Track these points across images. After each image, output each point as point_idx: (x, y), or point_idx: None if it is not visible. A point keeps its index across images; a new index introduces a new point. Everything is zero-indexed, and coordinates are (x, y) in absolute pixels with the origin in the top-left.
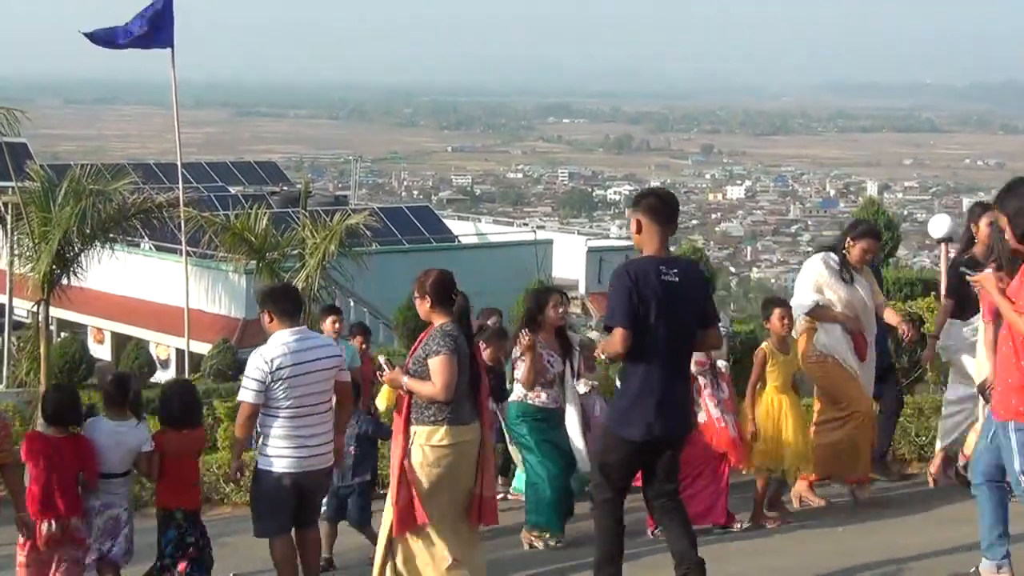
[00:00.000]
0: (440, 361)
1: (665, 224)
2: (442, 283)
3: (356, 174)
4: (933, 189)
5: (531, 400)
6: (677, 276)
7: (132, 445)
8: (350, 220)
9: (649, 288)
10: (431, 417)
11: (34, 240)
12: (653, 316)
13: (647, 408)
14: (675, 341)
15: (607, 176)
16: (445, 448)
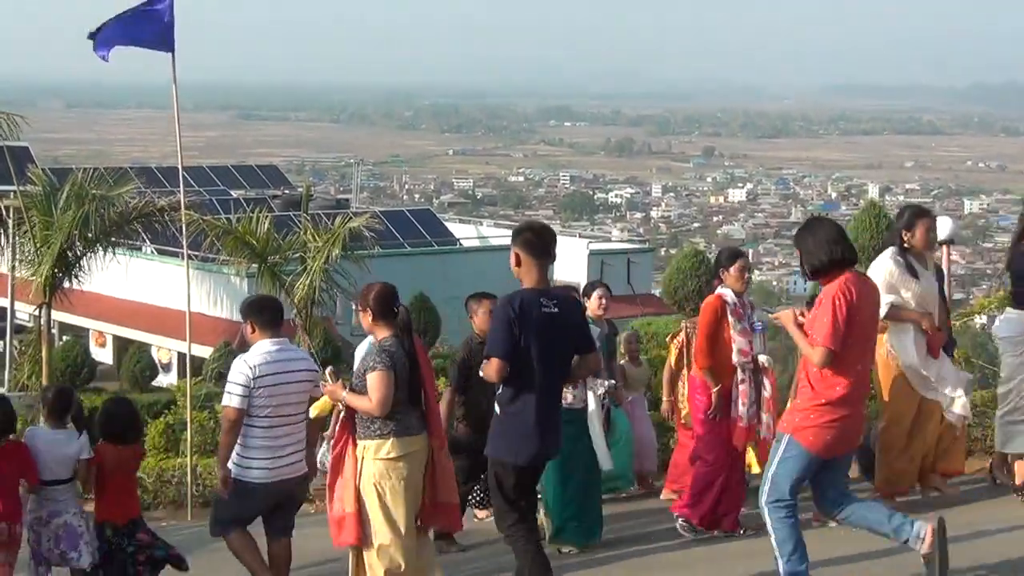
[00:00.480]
0: (376, 377)
1: (541, 257)
2: (384, 297)
3: (357, 177)
4: (934, 191)
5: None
6: (556, 307)
7: (71, 452)
8: (352, 223)
9: (530, 319)
10: (377, 431)
11: (36, 244)
12: (534, 346)
13: (530, 433)
14: (553, 369)
15: (608, 179)
16: (395, 460)
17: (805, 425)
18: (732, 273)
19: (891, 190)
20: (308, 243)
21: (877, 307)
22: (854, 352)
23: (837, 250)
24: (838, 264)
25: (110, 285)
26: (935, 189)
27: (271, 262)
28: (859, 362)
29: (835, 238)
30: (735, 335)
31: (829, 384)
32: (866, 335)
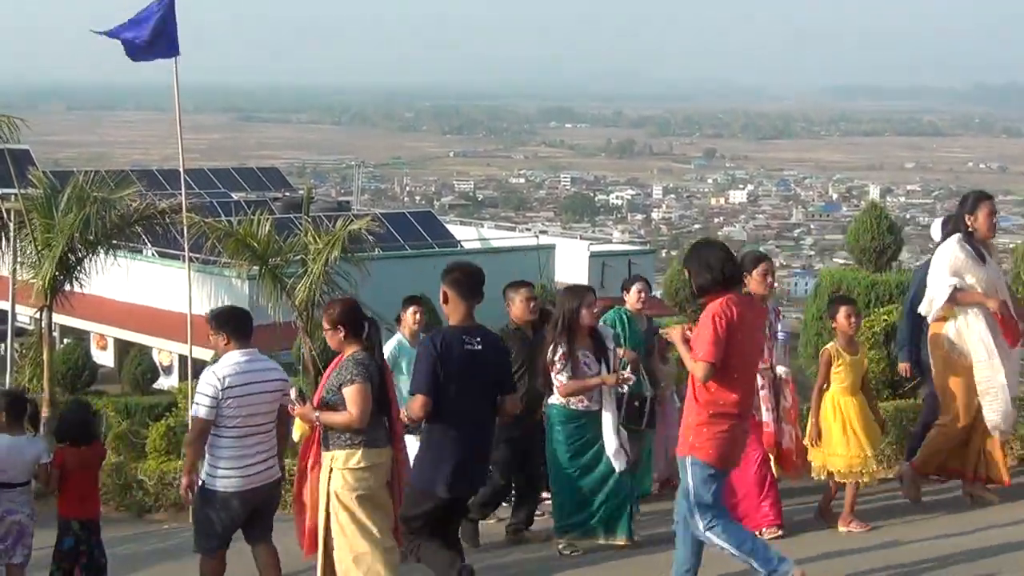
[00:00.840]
0: (355, 390)
1: (469, 297)
2: (351, 311)
3: (358, 179)
4: (935, 192)
5: (573, 404)
6: (480, 345)
7: (29, 457)
8: (353, 226)
9: (453, 356)
10: (347, 441)
11: (37, 247)
12: (456, 382)
13: (450, 466)
14: (476, 404)
15: (609, 181)
16: (363, 471)
17: (699, 442)
18: (755, 278)
19: (892, 191)
20: (309, 245)
21: (760, 328)
22: (736, 367)
23: (723, 270)
24: (723, 284)
25: (111, 288)
26: (936, 190)
27: (272, 264)
28: (742, 377)
29: (722, 259)
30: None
31: (714, 398)
32: (747, 352)
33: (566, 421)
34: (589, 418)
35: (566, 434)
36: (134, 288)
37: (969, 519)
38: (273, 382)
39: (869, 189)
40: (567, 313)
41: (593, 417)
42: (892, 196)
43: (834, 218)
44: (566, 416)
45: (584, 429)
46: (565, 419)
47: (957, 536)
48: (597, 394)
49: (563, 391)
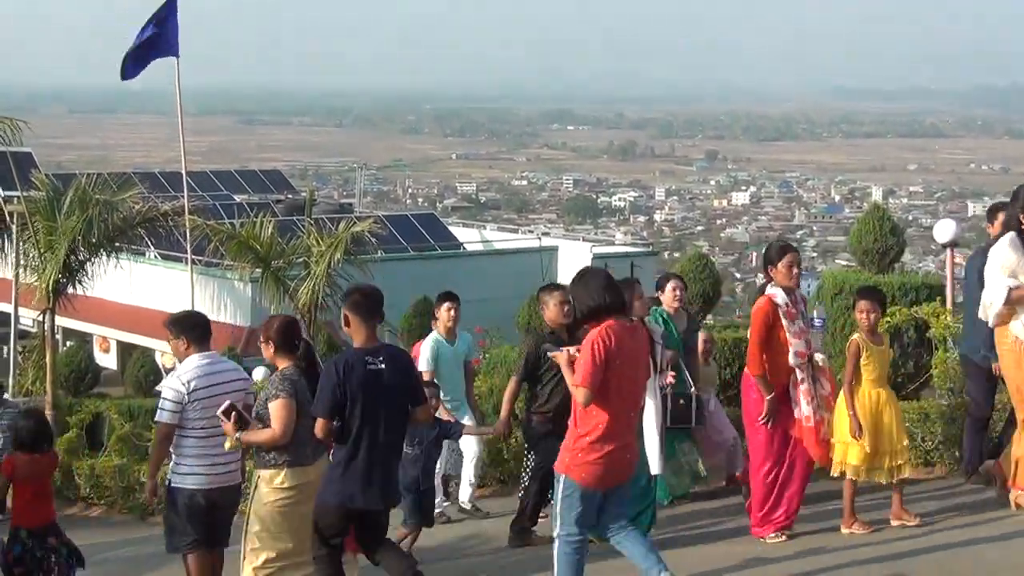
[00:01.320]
0: (278, 405)
1: (369, 318)
2: (286, 329)
3: (361, 182)
4: (938, 194)
5: None
6: (383, 363)
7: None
8: (355, 228)
9: (356, 378)
10: (271, 461)
11: (40, 249)
12: (361, 401)
13: (357, 481)
14: (383, 421)
15: (612, 182)
16: (288, 490)
17: (575, 463)
18: (781, 269)
19: (895, 193)
20: (312, 247)
21: (642, 352)
22: (615, 393)
23: (604, 297)
24: (604, 310)
25: (114, 290)
26: (939, 192)
27: (275, 267)
28: (622, 402)
29: (603, 287)
30: (790, 337)
31: (591, 422)
32: (628, 377)
33: None
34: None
35: None
36: (137, 290)
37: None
38: (235, 383)
39: (871, 191)
40: (615, 304)
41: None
42: (894, 198)
43: (836, 220)
44: None
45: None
46: None
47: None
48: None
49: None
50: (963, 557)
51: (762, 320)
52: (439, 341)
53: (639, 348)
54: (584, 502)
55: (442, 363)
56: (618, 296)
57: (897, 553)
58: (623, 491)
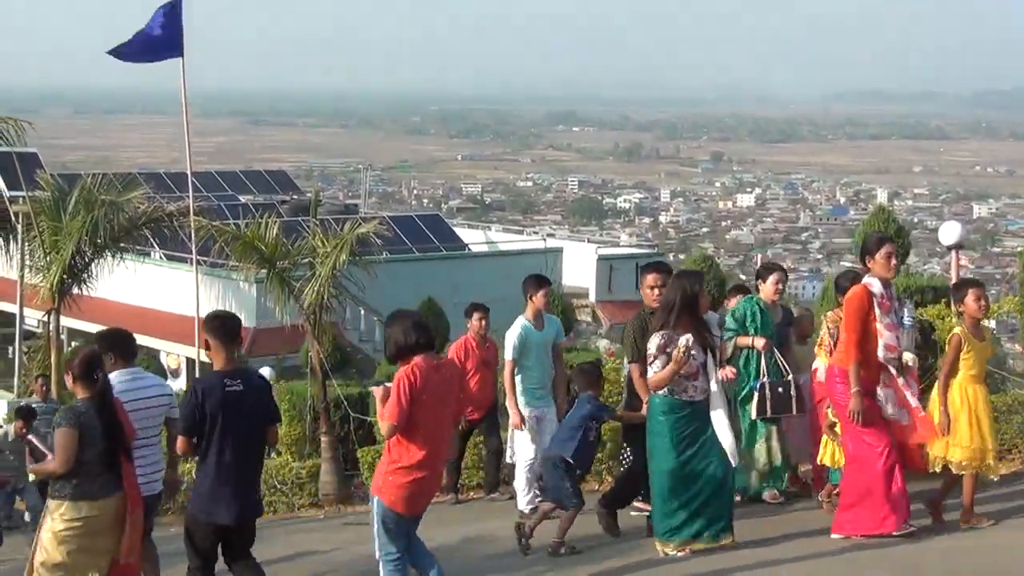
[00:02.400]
0: (59, 434)
1: (229, 343)
2: (87, 362)
3: (366, 183)
4: (943, 196)
5: (676, 395)
6: (241, 386)
7: None
8: (360, 229)
9: (214, 399)
10: (58, 492)
11: (45, 250)
12: (219, 421)
13: (219, 497)
14: (241, 439)
15: (617, 184)
16: (69, 522)
17: (386, 487)
18: (879, 260)
19: (899, 195)
20: (317, 248)
21: (451, 387)
22: (422, 426)
23: (412, 337)
24: (412, 349)
25: (119, 291)
26: (943, 194)
27: (280, 267)
28: (430, 433)
29: (411, 327)
30: (882, 329)
31: (403, 451)
32: (434, 411)
33: (668, 413)
34: (693, 410)
35: (669, 426)
36: (142, 291)
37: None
38: (157, 397)
39: (876, 193)
40: (684, 298)
41: (697, 409)
42: (899, 200)
43: (841, 222)
44: (668, 407)
45: (688, 422)
46: (667, 410)
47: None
48: (702, 385)
49: (651, 384)
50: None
51: (857, 306)
52: (527, 327)
53: (446, 383)
54: (395, 523)
55: (530, 348)
56: (426, 335)
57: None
58: (421, 514)
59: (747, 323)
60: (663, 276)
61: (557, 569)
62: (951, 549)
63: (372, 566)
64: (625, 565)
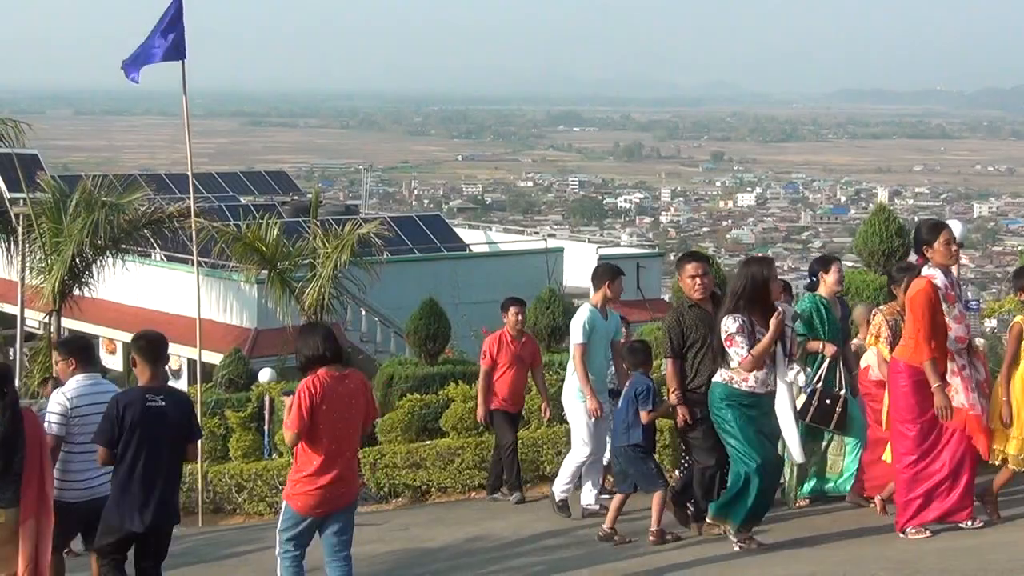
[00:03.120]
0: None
1: (154, 361)
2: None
3: (367, 183)
4: (944, 195)
5: (737, 384)
6: (163, 402)
7: None
8: (361, 229)
9: (134, 412)
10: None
11: (46, 251)
12: (139, 434)
13: (133, 505)
14: (160, 451)
15: (618, 184)
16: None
17: (294, 492)
18: (939, 248)
19: (900, 194)
20: (318, 249)
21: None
22: (326, 434)
23: (320, 349)
24: (319, 360)
25: (120, 292)
26: (944, 193)
27: (281, 268)
28: (333, 442)
29: (320, 339)
30: (950, 322)
31: (307, 460)
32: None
33: (731, 401)
34: (756, 402)
35: (732, 415)
36: (143, 292)
37: None
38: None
39: (877, 192)
40: (755, 283)
41: (760, 402)
42: (900, 199)
43: (842, 221)
44: (729, 394)
45: (750, 413)
46: (727, 397)
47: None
48: (765, 377)
49: (746, 365)
50: None
51: (924, 302)
52: (594, 311)
53: (350, 394)
54: (300, 526)
55: (595, 336)
56: (334, 348)
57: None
58: (342, 519)
59: (814, 324)
60: (703, 265)
61: (557, 569)
62: (948, 549)
63: (371, 565)
64: (626, 564)
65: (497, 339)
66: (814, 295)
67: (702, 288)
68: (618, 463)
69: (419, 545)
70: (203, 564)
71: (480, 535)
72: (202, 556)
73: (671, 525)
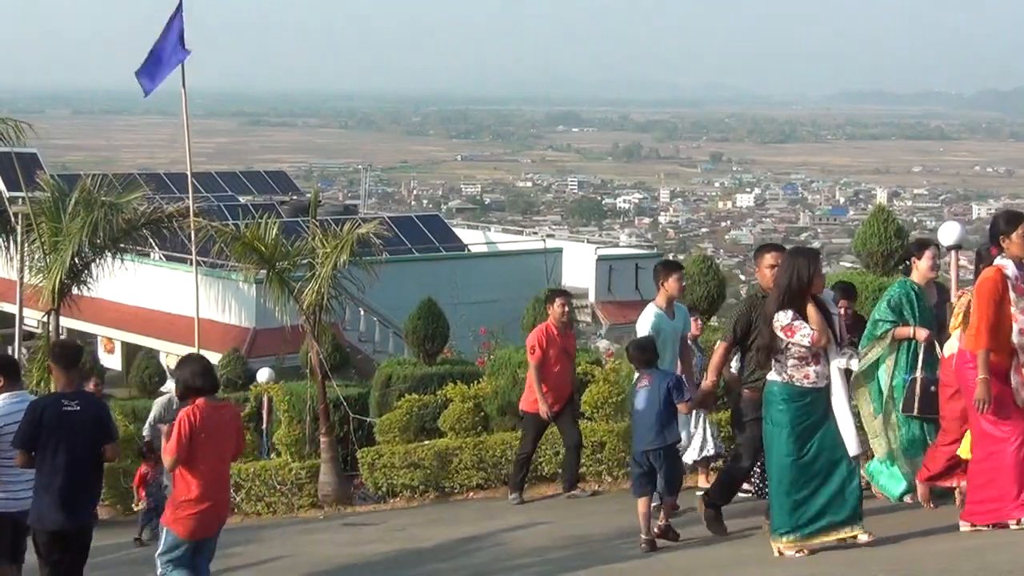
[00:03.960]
0: None
1: (69, 368)
2: None
3: (366, 183)
4: (942, 196)
5: (797, 381)
6: (78, 406)
7: None
8: (360, 229)
9: (52, 417)
10: None
11: (45, 250)
12: (54, 437)
13: (53, 505)
14: (76, 455)
15: (616, 184)
16: None
17: (175, 518)
18: (1016, 240)
19: (899, 195)
20: (316, 249)
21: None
22: (202, 461)
23: (198, 381)
24: (197, 391)
25: (119, 291)
26: (943, 194)
27: (279, 268)
28: (209, 469)
29: (198, 372)
30: (1016, 313)
31: (185, 486)
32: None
33: (788, 401)
34: (814, 397)
35: (790, 415)
36: (141, 292)
37: None
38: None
39: (876, 193)
40: (800, 276)
41: (818, 396)
42: (899, 200)
43: (841, 222)
44: (788, 395)
45: (810, 409)
46: (787, 398)
47: None
48: (823, 370)
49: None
50: None
51: (990, 291)
52: (659, 314)
53: (224, 423)
54: (179, 550)
55: (664, 338)
56: (210, 381)
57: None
58: (211, 543)
59: (904, 311)
60: (780, 254)
61: (557, 570)
62: (949, 550)
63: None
64: (623, 566)
65: (544, 332)
66: (904, 280)
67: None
68: (641, 467)
69: (417, 545)
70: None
71: (478, 535)
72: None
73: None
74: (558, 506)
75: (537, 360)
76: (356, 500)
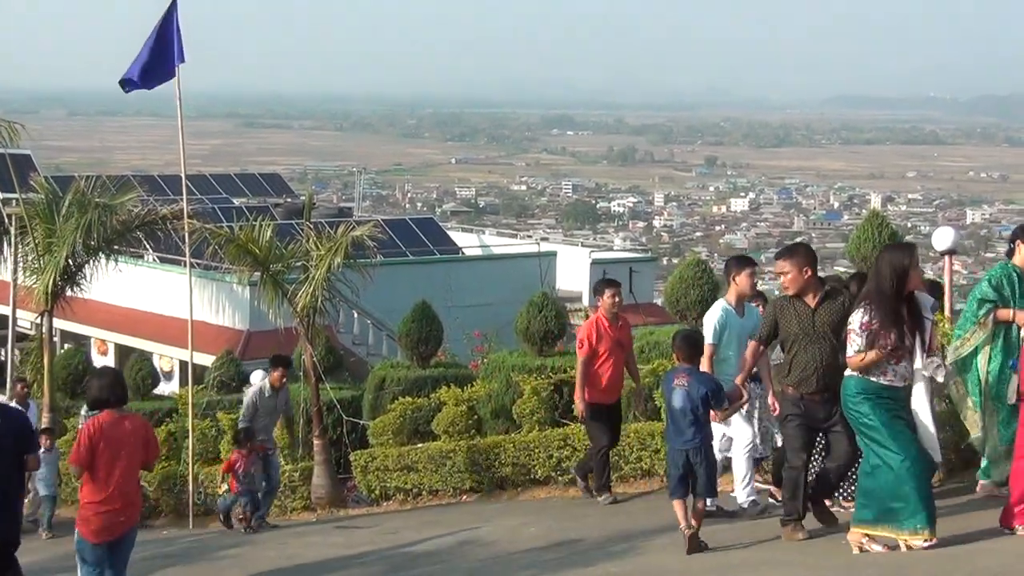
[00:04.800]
0: None
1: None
2: None
3: (360, 186)
4: (937, 201)
5: (876, 377)
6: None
7: None
8: (354, 232)
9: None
10: None
11: (38, 252)
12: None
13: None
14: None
15: (611, 188)
16: None
17: (82, 520)
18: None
19: (893, 200)
20: (311, 251)
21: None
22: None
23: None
24: (104, 403)
25: (112, 293)
26: (937, 199)
27: (273, 270)
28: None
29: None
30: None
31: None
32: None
33: (865, 393)
34: (892, 395)
35: (871, 407)
36: (135, 294)
37: None
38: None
39: (870, 198)
40: (896, 272)
41: (896, 395)
42: (893, 205)
43: (835, 226)
44: (862, 388)
45: (889, 405)
46: (864, 392)
47: None
48: (904, 371)
49: (852, 363)
50: None
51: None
52: (728, 310)
53: (129, 435)
54: (90, 553)
55: (730, 335)
56: (117, 394)
57: None
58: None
59: (1004, 292)
60: (786, 262)
61: (551, 572)
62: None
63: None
64: (618, 569)
65: (594, 325)
66: (1006, 263)
67: (785, 285)
68: (678, 468)
69: (410, 548)
70: (195, 564)
71: (471, 539)
72: (192, 557)
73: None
74: (552, 508)
75: (586, 354)
76: (349, 503)
